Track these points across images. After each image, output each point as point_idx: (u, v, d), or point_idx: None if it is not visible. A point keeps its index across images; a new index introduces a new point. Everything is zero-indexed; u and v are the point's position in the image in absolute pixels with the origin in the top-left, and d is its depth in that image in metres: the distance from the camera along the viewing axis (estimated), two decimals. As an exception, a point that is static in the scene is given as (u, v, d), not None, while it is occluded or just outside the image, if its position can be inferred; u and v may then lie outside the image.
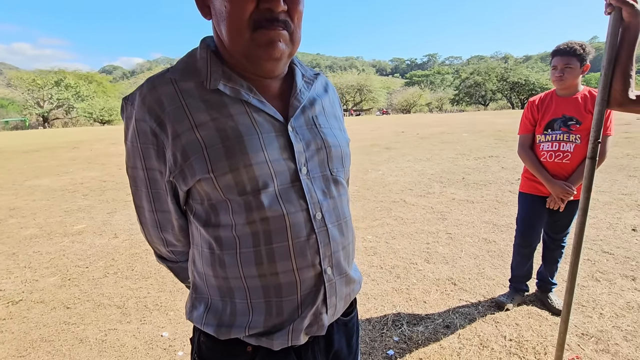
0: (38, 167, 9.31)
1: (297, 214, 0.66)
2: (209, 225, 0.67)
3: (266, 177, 0.64)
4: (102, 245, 3.69)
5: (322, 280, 0.69)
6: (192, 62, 0.67)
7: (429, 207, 4.55)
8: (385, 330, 2.14)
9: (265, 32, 0.61)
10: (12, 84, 53.56)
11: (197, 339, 0.75)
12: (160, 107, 0.63)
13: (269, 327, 0.68)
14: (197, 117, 0.63)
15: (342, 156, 0.76)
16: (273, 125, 0.66)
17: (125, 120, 0.67)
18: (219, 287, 0.70)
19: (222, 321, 0.69)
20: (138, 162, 0.68)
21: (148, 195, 0.71)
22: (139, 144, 0.66)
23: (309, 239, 0.67)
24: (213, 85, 0.64)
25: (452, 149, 9.42)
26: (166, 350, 2.05)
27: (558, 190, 2.02)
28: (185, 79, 0.65)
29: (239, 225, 0.65)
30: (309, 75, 0.77)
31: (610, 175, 5.60)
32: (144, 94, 0.64)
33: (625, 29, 1.21)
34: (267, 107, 0.67)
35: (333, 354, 0.80)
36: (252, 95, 0.66)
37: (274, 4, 0.59)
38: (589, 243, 3.18)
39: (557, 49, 2.02)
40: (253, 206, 0.64)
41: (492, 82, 57.70)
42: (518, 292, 2.37)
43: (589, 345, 1.93)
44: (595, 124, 1.32)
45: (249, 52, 0.63)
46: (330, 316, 0.73)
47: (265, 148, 0.64)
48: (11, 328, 2.31)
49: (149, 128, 0.64)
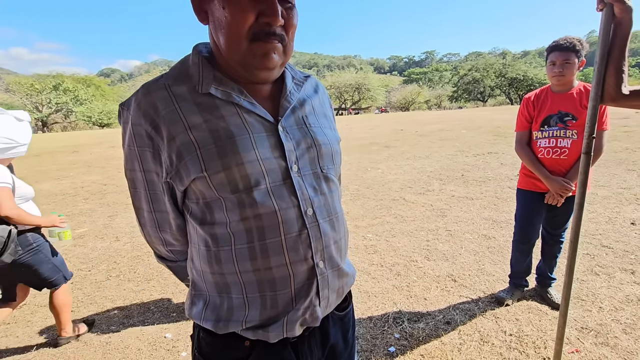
0: (38, 171, 9.33)
1: (288, 210, 0.68)
2: (204, 224, 0.70)
3: (258, 175, 0.66)
4: (104, 249, 3.71)
5: (314, 274, 0.72)
6: (185, 68, 0.71)
7: (428, 205, 4.56)
8: (387, 327, 2.16)
9: (262, 44, 0.64)
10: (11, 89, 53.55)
11: (197, 335, 0.77)
12: (155, 111, 0.66)
13: (264, 320, 0.71)
14: (191, 120, 0.66)
15: (332, 154, 0.78)
16: (264, 125, 0.69)
17: (123, 125, 0.70)
18: (216, 283, 0.72)
19: (220, 316, 0.72)
20: (136, 165, 0.71)
21: (146, 196, 0.73)
22: (135, 147, 0.68)
23: (301, 234, 0.70)
24: (205, 89, 0.67)
25: (451, 146, 9.44)
26: (169, 351, 2.07)
27: (556, 186, 2.02)
28: (179, 83, 0.68)
29: (233, 222, 0.68)
30: (299, 77, 0.81)
31: (609, 169, 5.61)
32: (139, 99, 0.67)
33: (617, 25, 1.22)
34: (257, 109, 0.70)
35: (329, 348, 0.82)
36: (242, 97, 0.69)
37: (273, 19, 0.63)
38: (588, 237, 3.19)
39: (556, 44, 1.99)
40: (246, 203, 0.66)
41: (490, 79, 57.70)
42: (518, 287, 2.39)
43: (589, 338, 1.95)
44: (589, 119, 1.33)
45: (244, 61, 0.66)
46: (323, 308, 0.76)
47: (257, 147, 0.67)
48: (16, 332, 2.32)
49: (144, 131, 0.67)
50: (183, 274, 0.86)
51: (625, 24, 1.20)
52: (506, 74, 55.93)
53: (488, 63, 61.19)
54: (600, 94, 1.31)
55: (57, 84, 53.83)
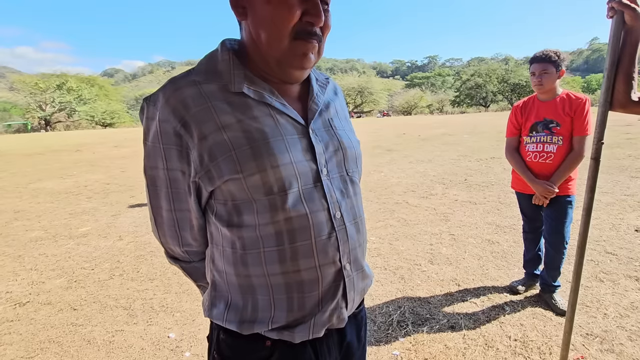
0: (41, 170, 9.36)
1: (319, 214, 0.68)
2: (231, 226, 0.69)
3: (291, 178, 0.66)
4: (107, 248, 3.72)
5: (341, 276, 0.73)
6: (213, 64, 0.69)
7: (431, 209, 4.56)
8: (391, 330, 2.15)
9: (303, 43, 0.65)
10: (15, 87, 53.79)
11: (216, 336, 0.76)
12: (185, 108, 0.64)
13: (290, 321, 0.71)
14: (223, 119, 0.65)
15: (356, 157, 0.79)
16: (295, 128, 0.69)
17: (146, 120, 0.67)
18: (240, 285, 0.71)
19: (244, 317, 0.72)
20: (159, 163, 0.68)
21: (168, 194, 0.71)
22: (161, 144, 0.66)
23: (330, 237, 0.70)
24: (238, 87, 0.66)
25: (454, 151, 9.44)
26: (173, 351, 2.07)
27: (540, 189, 2.18)
28: (209, 81, 0.67)
29: (263, 225, 0.67)
30: (322, 79, 0.81)
31: (613, 176, 5.61)
32: (168, 95, 0.65)
33: (627, 32, 1.23)
34: (289, 110, 0.70)
35: (345, 346, 0.82)
36: (274, 98, 0.69)
37: (316, 19, 0.63)
38: (592, 244, 3.18)
39: (534, 56, 2.19)
40: (278, 206, 0.66)
41: (492, 84, 57.69)
42: (531, 277, 2.52)
43: (594, 345, 1.94)
44: (598, 125, 1.34)
45: (283, 58, 0.66)
46: (349, 310, 0.77)
47: (290, 150, 0.67)
48: (19, 330, 2.33)
49: (172, 129, 0.64)
50: (197, 275, 0.84)
51: (635, 32, 1.20)
52: (509, 80, 55.93)
53: (490, 68, 61.25)
54: (609, 101, 1.31)
55: (61, 83, 54.05)
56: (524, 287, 2.49)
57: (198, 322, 2.34)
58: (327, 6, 0.67)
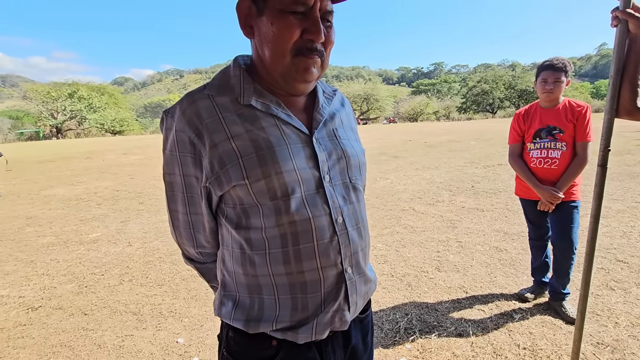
0: (53, 176, 9.54)
1: (321, 218, 0.72)
2: (240, 228, 0.74)
3: (294, 183, 0.70)
4: (117, 253, 3.77)
5: (343, 279, 0.76)
6: (226, 78, 0.75)
7: (438, 216, 4.54)
8: (398, 338, 2.15)
9: (304, 59, 0.69)
10: (28, 96, 55.01)
11: (226, 335, 0.80)
12: (199, 119, 0.70)
13: (294, 321, 0.74)
14: (233, 129, 0.70)
15: (360, 165, 0.82)
16: (299, 137, 0.74)
17: (165, 131, 0.74)
18: (248, 285, 0.76)
19: (251, 316, 0.75)
20: (176, 169, 0.74)
21: (183, 199, 0.77)
22: (177, 152, 0.72)
23: (332, 240, 0.73)
24: (246, 100, 0.72)
25: (461, 157, 9.40)
26: (182, 356, 2.09)
27: (546, 195, 2.18)
28: (221, 94, 0.73)
29: (269, 228, 0.71)
30: (329, 91, 0.85)
31: (623, 183, 5.54)
32: (184, 107, 0.71)
33: (632, 40, 1.24)
34: (294, 121, 0.74)
35: (350, 350, 0.85)
36: (280, 109, 0.73)
37: (316, 36, 0.67)
38: (602, 252, 3.14)
39: (550, 63, 2.17)
40: (282, 210, 0.70)
41: (499, 90, 57.43)
42: (540, 285, 2.50)
43: (605, 354, 1.91)
44: (604, 132, 1.34)
45: (286, 73, 0.71)
46: (352, 313, 0.79)
47: (294, 157, 0.71)
48: (32, 334, 2.37)
49: (187, 138, 0.70)
50: (209, 275, 0.89)
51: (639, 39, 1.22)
52: (516, 86, 55.65)
53: (497, 75, 61.03)
54: (615, 108, 1.32)
55: (72, 91, 55.14)
56: (532, 295, 2.47)
57: (206, 327, 2.36)
58: (329, 22, 0.71)
